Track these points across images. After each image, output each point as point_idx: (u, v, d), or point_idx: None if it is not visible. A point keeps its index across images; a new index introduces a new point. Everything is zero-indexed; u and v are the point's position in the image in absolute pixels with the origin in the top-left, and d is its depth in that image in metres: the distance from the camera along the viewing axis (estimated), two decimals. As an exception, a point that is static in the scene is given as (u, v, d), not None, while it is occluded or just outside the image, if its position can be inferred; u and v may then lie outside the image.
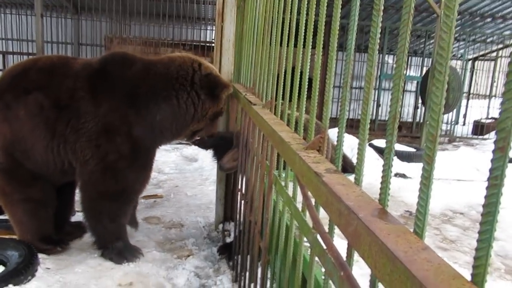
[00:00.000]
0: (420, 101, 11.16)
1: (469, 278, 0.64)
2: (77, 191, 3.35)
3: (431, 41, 11.66)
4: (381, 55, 11.35)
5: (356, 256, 1.03)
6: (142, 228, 3.94)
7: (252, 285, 2.36)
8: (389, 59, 12.90)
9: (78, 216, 3.84)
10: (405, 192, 5.39)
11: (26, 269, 2.79)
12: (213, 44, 4.62)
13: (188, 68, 3.06)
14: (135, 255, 3.21)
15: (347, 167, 3.00)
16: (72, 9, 11.70)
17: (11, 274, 2.70)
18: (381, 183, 0.92)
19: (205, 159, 6.26)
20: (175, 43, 10.01)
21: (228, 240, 3.65)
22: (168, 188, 5.31)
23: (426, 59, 12.26)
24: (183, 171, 6.15)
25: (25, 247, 2.99)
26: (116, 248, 3.18)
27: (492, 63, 13.04)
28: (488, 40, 12.42)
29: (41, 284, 2.79)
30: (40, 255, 3.07)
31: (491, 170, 0.62)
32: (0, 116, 2.97)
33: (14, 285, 2.65)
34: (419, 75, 12.37)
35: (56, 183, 3.27)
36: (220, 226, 4.01)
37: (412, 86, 13.27)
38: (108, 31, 11.48)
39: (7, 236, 3.32)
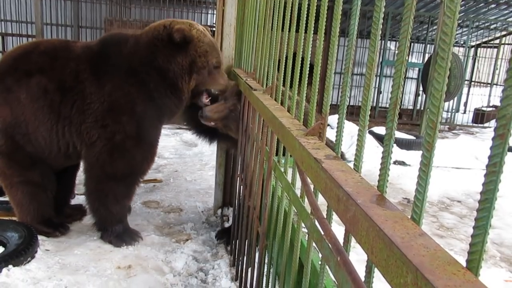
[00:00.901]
0: (421, 88, 11.12)
1: (464, 264, 0.65)
2: (79, 173, 3.36)
3: (434, 27, 11.55)
4: (383, 41, 11.27)
5: (353, 242, 1.04)
6: (141, 212, 3.97)
7: (249, 269, 2.38)
8: (391, 45, 12.81)
9: (78, 199, 3.86)
10: (404, 179, 5.43)
11: (26, 250, 2.81)
12: (214, 29, 4.58)
13: (160, 27, 3.04)
14: (134, 238, 3.23)
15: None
16: (72, -10, 11.56)
17: (11, 255, 2.73)
18: (380, 169, 0.92)
19: (205, 144, 6.26)
20: (176, 26, 9.91)
21: (227, 225, 3.68)
22: (168, 173, 5.33)
23: (428, 45, 12.18)
24: (183, 156, 6.16)
25: (25, 229, 3.02)
26: (116, 231, 3.20)
27: (495, 50, 12.94)
28: (492, 26, 12.32)
29: (41, 265, 2.82)
30: (40, 237, 3.10)
31: (490, 157, 0.62)
32: (1, 100, 2.96)
33: (14, 266, 2.68)
34: (421, 62, 12.31)
35: (58, 167, 3.28)
36: (219, 211, 4.04)
37: (413, 73, 13.21)
38: (108, 14, 11.36)
39: (7, 218, 3.35)
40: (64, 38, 11.31)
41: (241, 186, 2.82)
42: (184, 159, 6.02)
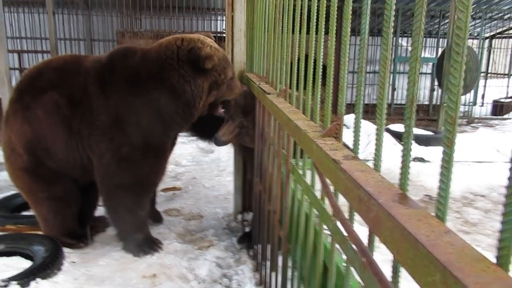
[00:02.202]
0: (436, 83, 10.96)
1: (493, 260, 0.64)
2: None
3: (446, 21, 11.39)
4: (394, 38, 11.17)
5: (377, 242, 1.03)
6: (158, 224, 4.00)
7: (273, 274, 2.38)
8: (403, 42, 12.68)
9: (100, 210, 3.92)
10: (424, 176, 5.35)
11: (53, 263, 2.86)
12: (224, 35, 4.61)
13: (173, 46, 3.00)
14: (154, 248, 3.26)
15: None
16: (83, 5, 11.78)
17: (39, 268, 2.77)
18: (401, 168, 0.91)
19: (222, 150, 6.29)
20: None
21: (247, 229, 3.68)
22: (186, 180, 5.36)
23: (441, 39, 12.01)
24: (200, 163, 6.20)
25: (50, 242, 3.07)
26: (136, 240, 3.24)
27: (511, 40, 12.69)
28: (506, 16, 12.08)
29: (68, 277, 2.86)
30: (65, 249, 3.15)
31: (513, 151, 0.61)
32: (21, 117, 3.05)
33: (42, 278, 2.72)
34: (434, 56, 12.15)
35: (81, 181, 3.33)
36: (239, 216, 4.05)
37: (427, 68, 13.04)
38: (119, 26, 11.54)
39: (32, 232, 3.41)
40: (77, 53, 11.53)
41: (260, 190, 2.82)
42: (201, 166, 6.06)
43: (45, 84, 3.03)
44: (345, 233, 1.16)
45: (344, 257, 1.21)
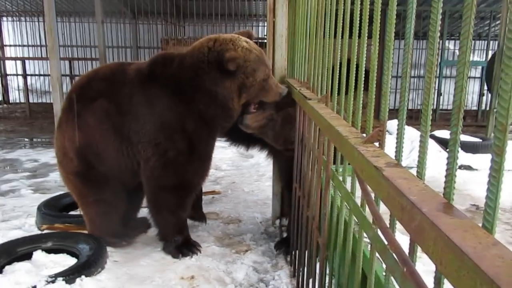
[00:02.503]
0: (485, 87, 10.50)
1: (547, 276, 0.60)
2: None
3: (497, 23, 10.91)
4: (441, 41, 10.81)
5: (419, 252, 0.99)
6: (201, 223, 4.06)
7: (310, 280, 2.35)
8: (450, 45, 12.26)
9: (142, 212, 4.03)
10: (471, 184, 5.12)
11: (97, 261, 2.97)
12: (265, 40, 4.64)
13: (204, 49, 3.01)
14: (193, 250, 3.32)
15: None
16: (130, 14, 12.22)
17: (83, 266, 2.89)
18: (446, 176, 0.88)
19: (261, 155, 6.31)
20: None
21: (285, 235, 3.66)
22: (226, 185, 5.42)
23: (491, 42, 11.51)
24: (240, 168, 6.25)
25: (95, 241, 3.19)
26: (175, 242, 3.32)
27: None
28: None
29: (110, 276, 2.96)
30: (108, 249, 3.26)
31: None
32: (72, 124, 3.21)
33: (86, 276, 2.83)
34: (484, 60, 11.65)
35: (129, 185, 3.46)
36: (277, 221, 4.04)
37: (476, 72, 12.53)
38: (164, 34, 11.88)
39: (78, 231, 3.56)
40: (120, 61, 11.96)
41: (299, 196, 2.80)
42: (241, 170, 6.10)
43: (95, 93, 3.18)
44: (385, 242, 1.13)
45: (384, 266, 1.17)
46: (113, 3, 11.64)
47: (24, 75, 11.17)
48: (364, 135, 1.44)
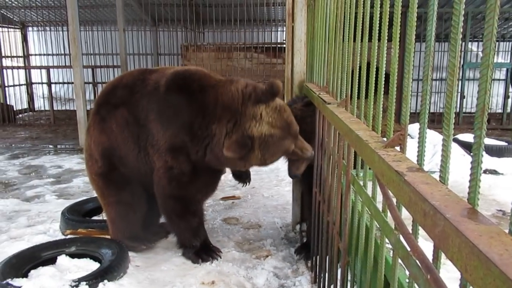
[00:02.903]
0: (510, 89, 10.24)
1: None
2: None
3: (522, 24, 10.64)
4: (463, 43, 10.61)
5: (443, 259, 0.97)
6: (221, 228, 4.08)
7: (332, 287, 2.32)
8: (473, 47, 12.01)
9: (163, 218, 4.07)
10: (496, 189, 4.98)
11: (119, 266, 3.01)
12: (284, 45, 4.64)
13: (223, 127, 2.96)
14: (212, 255, 3.34)
15: None
16: (151, 21, 12.42)
17: (106, 270, 2.93)
18: (470, 181, 0.86)
19: (280, 160, 6.29)
20: (247, 46, 10.20)
21: (305, 240, 3.63)
22: (245, 190, 5.41)
23: (516, 43, 11.22)
24: (259, 173, 6.24)
25: (117, 246, 3.24)
26: (194, 247, 3.35)
27: None
28: None
29: (132, 281, 2.99)
30: (130, 253, 3.30)
31: None
32: (99, 128, 3.35)
33: (109, 280, 2.87)
34: (508, 61, 11.38)
35: (149, 190, 3.52)
36: (297, 226, 4.01)
37: (501, 74, 12.23)
38: (183, 40, 12.02)
39: (101, 236, 3.62)
40: (143, 67, 12.16)
41: (319, 201, 2.78)
42: (260, 175, 6.09)
43: (117, 100, 3.30)
44: (408, 248, 1.11)
45: (407, 272, 1.15)
46: (134, 11, 11.86)
47: (49, 83, 11.45)
48: (385, 139, 1.42)
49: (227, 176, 5.96)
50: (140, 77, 3.35)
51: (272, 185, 5.62)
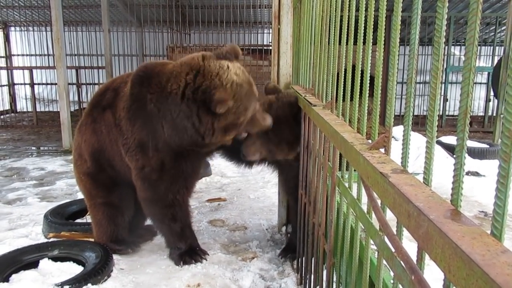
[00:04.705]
0: (492, 93, 10.44)
1: (558, 284, 0.59)
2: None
3: (503, 28, 10.88)
4: (446, 47, 10.79)
5: (427, 259, 0.98)
6: (207, 231, 4.06)
7: (318, 288, 2.33)
8: (456, 51, 12.22)
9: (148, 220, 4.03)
10: (478, 191, 5.06)
11: (103, 269, 2.97)
12: (270, 47, 4.66)
13: (181, 80, 2.78)
14: (195, 258, 3.30)
15: None
16: (136, 22, 12.32)
17: (90, 274, 2.89)
18: (453, 182, 0.87)
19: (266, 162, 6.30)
20: (233, 48, 10.16)
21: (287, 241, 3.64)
22: (231, 191, 5.41)
23: (497, 47, 11.46)
24: (245, 174, 6.24)
25: (101, 249, 3.20)
26: (178, 249, 3.33)
27: None
28: None
29: (116, 284, 2.96)
30: (115, 256, 3.26)
31: None
32: (90, 129, 3.33)
33: (92, 284, 2.83)
34: (490, 65, 11.60)
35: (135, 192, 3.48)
36: (283, 228, 4.02)
37: (482, 78, 12.47)
38: (169, 41, 11.96)
39: (85, 239, 3.57)
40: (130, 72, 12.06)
41: (304, 203, 2.79)
42: (246, 177, 6.09)
43: (106, 103, 3.27)
44: (393, 249, 1.12)
45: (392, 273, 1.16)
46: (120, 11, 11.75)
47: (32, 84, 11.27)
48: (370, 141, 1.43)
49: (213, 178, 5.96)
50: (125, 79, 3.30)
51: (258, 187, 5.62)
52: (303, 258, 2.83)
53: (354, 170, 1.50)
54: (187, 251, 3.33)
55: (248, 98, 2.81)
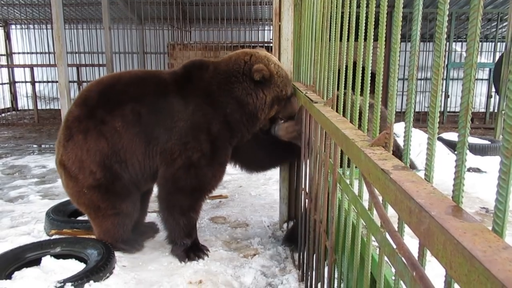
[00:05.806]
0: (493, 89, 10.41)
1: (559, 280, 0.59)
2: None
3: (504, 24, 10.84)
4: (448, 43, 10.76)
5: (428, 256, 0.98)
6: (209, 228, 4.07)
7: (319, 284, 2.34)
8: (457, 47, 12.19)
9: (150, 217, 4.04)
10: (480, 187, 5.05)
11: (105, 266, 2.98)
12: (271, 44, 4.65)
13: (240, 61, 3.27)
14: (199, 255, 3.32)
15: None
16: (137, 19, 12.30)
17: (92, 271, 2.89)
18: (455, 179, 0.87)
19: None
20: (234, 45, 10.18)
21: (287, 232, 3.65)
22: (233, 188, 5.41)
23: (499, 44, 11.42)
24: (247, 171, 6.23)
25: (103, 246, 3.20)
26: (184, 245, 3.33)
27: None
28: None
29: (119, 281, 2.97)
30: (117, 254, 3.27)
31: None
32: (96, 133, 3.13)
33: (95, 281, 2.84)
34: (491, 61, 11.57)
35: (143, 190, 3.50)
36: (285, 225, 4.03)
37: (484, 74, 12.44)
38: (170, 39, 11.94)
39: (86, 236, 3.57)
40: (132, 67, 12.05)
41: (306, 200, 2.79)
42: (248, 174, 6.09)
43: (123, 97, 3.17)
44: (394, 246, 1.12)
45: (393, 270, 1.16)
46: (120, 9, 11.73)
47: (33, 82, 11.28)
48: (371, 137, 1.43)
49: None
50: (148, 74, 3.43)
51: (259, 184, 5.62)
52: (305, 255, 2.84)
53: (355, 167, 1.50)
54: (191, 247, 3.34)
55: (287, 78, 3.38)
